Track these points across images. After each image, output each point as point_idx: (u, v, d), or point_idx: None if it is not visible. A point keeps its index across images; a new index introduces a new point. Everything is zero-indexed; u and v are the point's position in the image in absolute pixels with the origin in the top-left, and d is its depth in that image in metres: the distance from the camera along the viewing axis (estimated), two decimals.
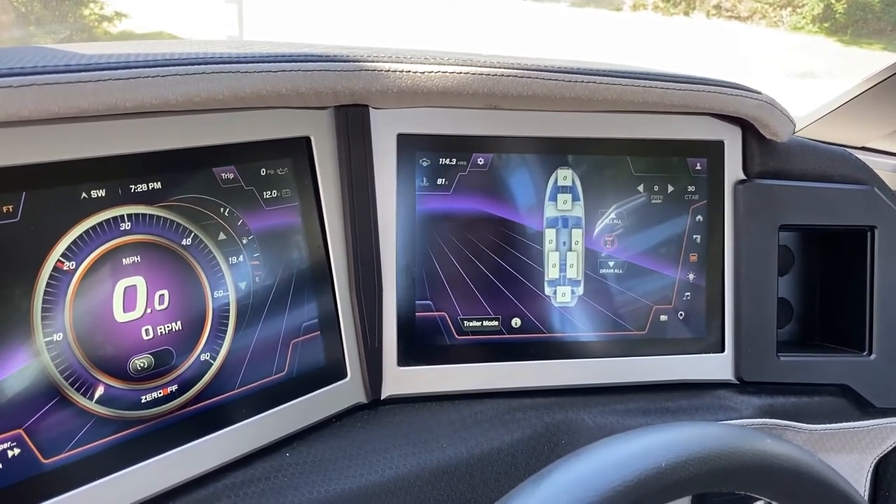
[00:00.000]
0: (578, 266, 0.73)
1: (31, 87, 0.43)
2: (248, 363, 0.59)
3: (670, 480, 0.38)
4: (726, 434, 0.42)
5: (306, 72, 0.56)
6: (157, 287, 0.54)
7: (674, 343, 0.75)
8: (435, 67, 0.61)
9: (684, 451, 0.39)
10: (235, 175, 0.58)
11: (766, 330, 0.76)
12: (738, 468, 0.40)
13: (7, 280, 0.46)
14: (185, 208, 0.55)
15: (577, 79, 0.65)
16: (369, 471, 0.60)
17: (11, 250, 0.46)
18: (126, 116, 0.51)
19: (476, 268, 0.71)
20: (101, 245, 0.51)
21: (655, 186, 0.74)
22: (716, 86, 0.70)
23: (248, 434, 0.59)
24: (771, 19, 9.30)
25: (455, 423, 0.67)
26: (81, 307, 0.50)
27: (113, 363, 0.52)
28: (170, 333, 0.55)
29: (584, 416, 0.70)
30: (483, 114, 0.69)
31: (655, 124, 0.74)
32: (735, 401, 0.74)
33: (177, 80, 0.49)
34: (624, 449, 0.39)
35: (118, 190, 0.52)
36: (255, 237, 0.60)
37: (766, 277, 0.76)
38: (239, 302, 0.59)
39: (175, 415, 0.55)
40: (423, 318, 0.70)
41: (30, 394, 0.47)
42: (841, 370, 0.78)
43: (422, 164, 0.69)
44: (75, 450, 0.49)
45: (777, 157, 0.77)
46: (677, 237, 0.75)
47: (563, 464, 0.39)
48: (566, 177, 0.72)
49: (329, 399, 0.65)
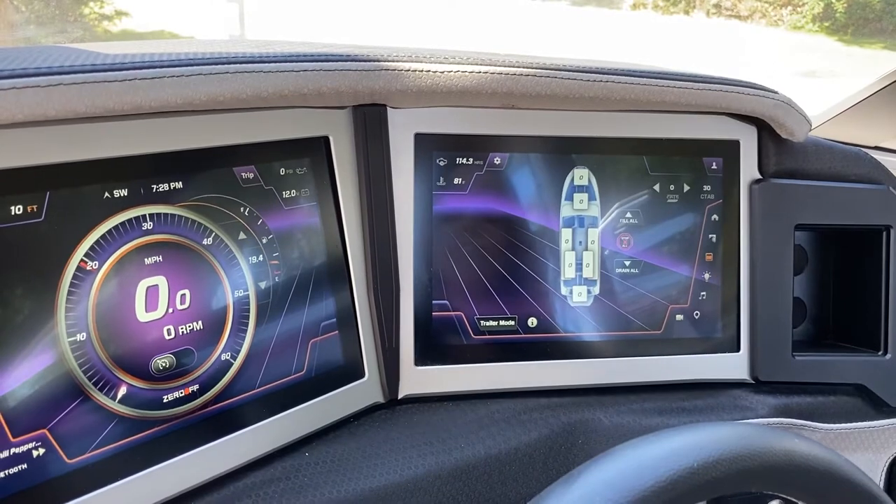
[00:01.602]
0: (594, 266, 0.73)
1: (58, 86, 0.43)
2: (268, 363, 0.59)
3: (702, 480, 0.38)
4: (756, 434, 0.41)
5: (328, 71, 0.56)
6: (178, 287, 0.54)
7: (689, 343, 0.75)
8: (454, 67, 0.61)
9: (715, 452, 0.39)
10: (255, 175, 0.58)
11: (782, 329, 0.76)
12: (769, 468, 0.40)
13: (31, 280, 0.46)
14: (205, 208, 0.55)
15: (595, 78, 0.65)
16: (387, 470, 0.60)
17: (36, 250, 0.46)
18: (148, 116, 0.51)
19: (492, 267, 0.70)
20: (123, 245, 0.51)
21: (671, 186, 0.74)
22: (733, 85, 0.70)
23: (268, 434, 0.59)
24: (771, 18, 9.30)
25: (472, 422, 0.67)
26: (104, 307, 0.50)
27: (135, 363, 0.52)
28: (191, 333, 0.55)
29: (600, 416, 0.70)
30: (500, 113, 0.69)
31: (671, 123, 0.73)
32: (750, 400, 0.74)
33: (201, 79, 0.49)
34: (655, 449, 0.39)
35: (140, 190, 0.52)
36: (275, 236, 0.60)
37: (781, 277, 0.76)
38: (259, 301, 0.59)
39: (196, 414, 0.55)
40: (439, 318, 0.69)
41: (53, 394, 0.47)
42: (856, 370, 0.78)
43: (439, 164, 0.69)
44: (98, 450, 0.49)
45: (792, 156, 0.77)
46: (693, 236, 0.75)
47: (594, 464, 0.39)
48: (582, 176, 0.72)
49: (347, 399, 0.65)
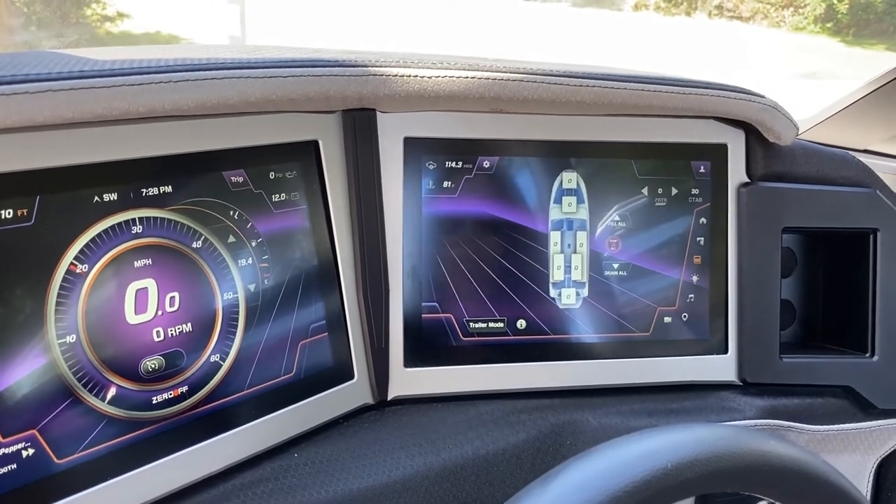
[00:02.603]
0: (583, 268, 0.73)
1: (46, 93, 0.43)
2: (257, 364, 0.60)
3: (676, 481, 0.39)
4: (731, 435, 0.42)
5: (316, 77, 0.56)
6: (167, 289, 0.55)
7: (677, 344, 0.76)
8: (442, 72, 0.62)
9: (690, 453, 0.40)
10: (245, 178, 0.59)
11: (769, 332, 0.77)
12: (743, 469, 0.41)
13: (21, 282, 0.47)
14: (195, 211, 0.56)
15: (581, 83, 0.65)
16: (376, 471, 0.61)
17: (26, 253, 0.47)
18: (137, 121, 0.52)
19: (482, 270, 0.71)
20: (113, 248, 0.51)
21: (659, 189, 0.75)
22: (719, 90, 0.71)
23: (257, 434, 0.60)
24: (773, 20, 9.30)
25: (461, 423, 0.68)
26: (94, 309, 0.50)
27: (125, 364, 0.52)
28: (180, 335, 0.55)
29: (588, 417, 0.70)
30: (489, 117, 0.70)
31: (659, 127, 0.74)
32: (738, 402, 0.75)
33: (188, 85, 0.50)
34: (630, 450, 0.40)
35: (130, 194, 0.52)
36: (264, 240, 0.61)
37: (769, 279, 0.77)
38: (248, 304, 0.59)
39: (185, 416, 0.56)
40: (429, 320, 0.70)
41: (43, 395, 0.48)
42: (843, 372, 0.78)
43: (428, 168, 0.69)
44: (88, 450, 0.50)
45: (780, 160, 0.77)
46: (681, 239, 0.76)
47: (570, 465, 0.40)
48: (571, 179, 0.73)
49: (336, 400, 0.66)
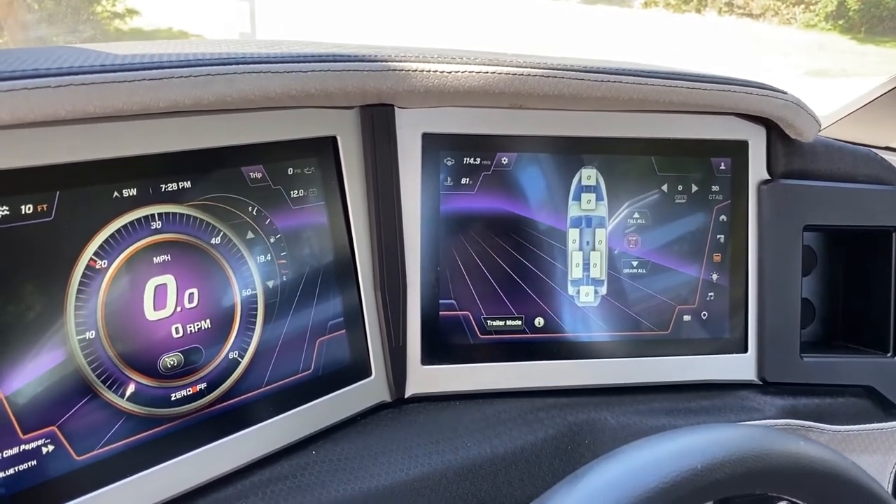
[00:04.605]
0: (602, 266, 0.73)
1: (68, 87, 0.43)
2: (275, 361, 0.60)
3: (706, 482, 0.38)
4: (761, 436, 0.41)
5: (336, 72, 0.56)
6: (186, 285, 0.54)
7: (697, 343, 0.75)
8: (461, 67, 0.61)
9: (720, 453, 0.39)
10: (263, 174, 0.59)
11: (790, 330, 0.76)
12: (773, 470, 0.40)
13: (41, 278, 0.47)
14: (214, 207, 0.56)
15: (603, 78, 0.64)
16: (394, 469, 0.61)
17: (46, 248, 0.47)
18: (156, 116, 0.52)
19: (499, 267, 0.71)
20: (132, 244, 0.51)
21: (679, 186, 0.74)
22: (742, 85, 0.70)
23: (275, 432, 0.59)
24: (783, 16, 9.24)
25: (478, 422, 0.67)
26: (113, 305, 0.50)
27: (144, 361, 0.52)
28: (199, 331, 0.55)
29: (606, 416, 0.70)
30: (507, 113, 0.69)
31: (679, 124, 0.73)
32: (758, 401, 0.74)
33: (209, 79, 0.49)
34: (659, 450, 0.39)
35: (149, 189, 0.52)
36: (283, 236, 0.60)
37: (789, 278, 0.76)
38: (266, 300, 0.59)
39: (203, 412, 0.55)
40: (446, 318, 0.70)
41: (63, 391, 0.48)
42: (864, 371, 0.77)
43: (446, 164, 0.69)
44: (107, 447, 0.50)
45: (801, 157, 0.76)
46: (701, 237, 0.75)
47: (598, 464, 0.39)
48: (590, 176, 0.72)
49: (354, 398, 0.65)
